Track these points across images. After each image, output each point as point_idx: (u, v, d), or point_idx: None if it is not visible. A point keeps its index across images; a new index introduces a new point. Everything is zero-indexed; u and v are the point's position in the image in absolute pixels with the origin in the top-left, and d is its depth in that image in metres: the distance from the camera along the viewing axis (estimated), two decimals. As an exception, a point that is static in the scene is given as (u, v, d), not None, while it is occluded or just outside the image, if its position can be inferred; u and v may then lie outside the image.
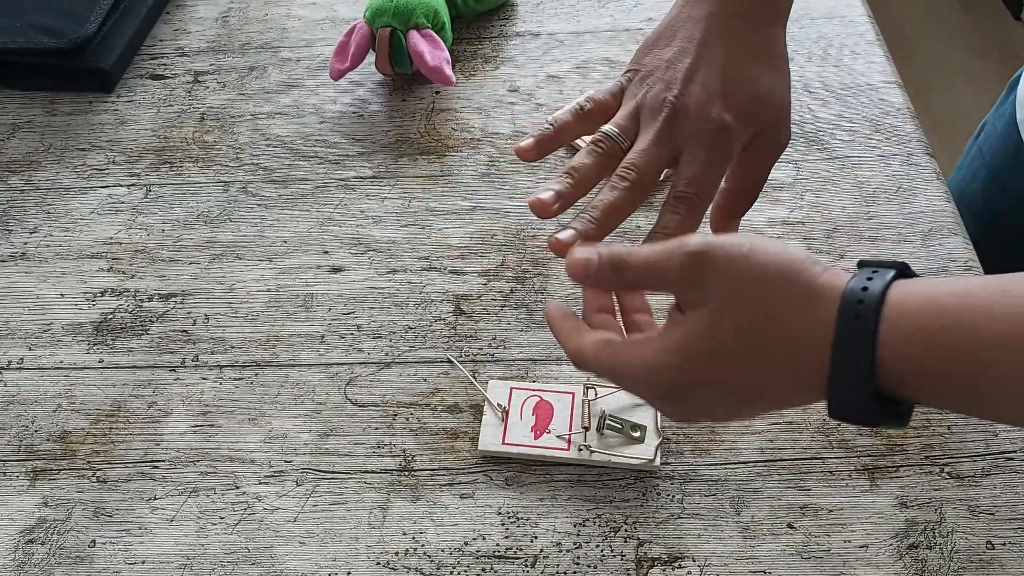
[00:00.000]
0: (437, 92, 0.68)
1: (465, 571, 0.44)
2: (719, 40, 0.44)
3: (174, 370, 0.53)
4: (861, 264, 0.35)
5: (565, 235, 0.41)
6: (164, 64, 0.72)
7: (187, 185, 0.63)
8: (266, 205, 0.61)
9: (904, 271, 0.34)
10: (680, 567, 0.43)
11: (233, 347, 0.53)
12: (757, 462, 0.47)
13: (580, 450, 0.47)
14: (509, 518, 0.45)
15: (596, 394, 0.49)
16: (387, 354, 0.52)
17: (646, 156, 0.42)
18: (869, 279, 0.33)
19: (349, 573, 0.44)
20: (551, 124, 0.46)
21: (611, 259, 0.39)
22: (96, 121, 0.68)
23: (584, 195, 0.44)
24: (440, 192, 0.61)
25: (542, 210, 0.42)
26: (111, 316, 0.55)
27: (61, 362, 0.53)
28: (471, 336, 0.53)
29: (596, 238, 0.42)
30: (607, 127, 0.44)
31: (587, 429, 0.47)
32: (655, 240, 0.41)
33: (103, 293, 0.57)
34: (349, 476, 0.47)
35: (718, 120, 0.42)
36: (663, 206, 0.43)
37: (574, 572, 0.43)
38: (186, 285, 0.57)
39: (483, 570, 0.44)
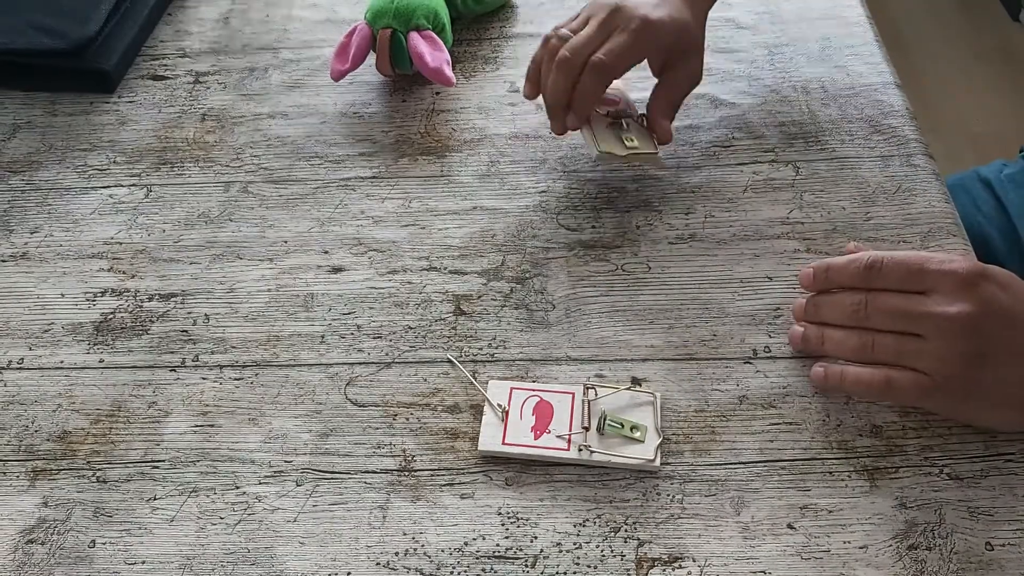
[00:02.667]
0: (437, 93, 0.68)
1: (465, 571, 0.44)
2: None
3: (174, 370, 0.53)
4: None
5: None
6: (165, 65, 0.72)
7: (188, 185, 0.63)
8: (267, 205, 0.61)
9: None
10: (680, 567, 0.43)
11: (233, 347, 0.53)
12: (757, 462, 0.47)
13: (580, 450, 0.47)
14: (509, 518, 0.45)
15: (596, 394, 0.49)
16: (387, 354, 0.52)
17: (583, 37, 0.55)
18: None
19: (349, 573, 0.44)
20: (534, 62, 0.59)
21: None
22: (97, 121, 0.68)
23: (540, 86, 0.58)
24: (440, 192, 0.61)
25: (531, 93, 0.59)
26: (111, 316, 0.56)
27: (61, 362, 0.53)
28: (471, 336, 0.53)
29: (563, 115, 0.56)
30: (561, 30, 0.57)
31: (587, 429, 0.47)
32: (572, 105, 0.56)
33: (103, 293, 0.57)
34: (349, 476, 0.47)
35: (644, 17, 0.55)
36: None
37: (574, 572, 0.44)
38: (186, 285, 0.57)
39: (483, 570, 0.44)
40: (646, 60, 0.58)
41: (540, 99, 0.64)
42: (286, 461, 0.48)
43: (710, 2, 0.61)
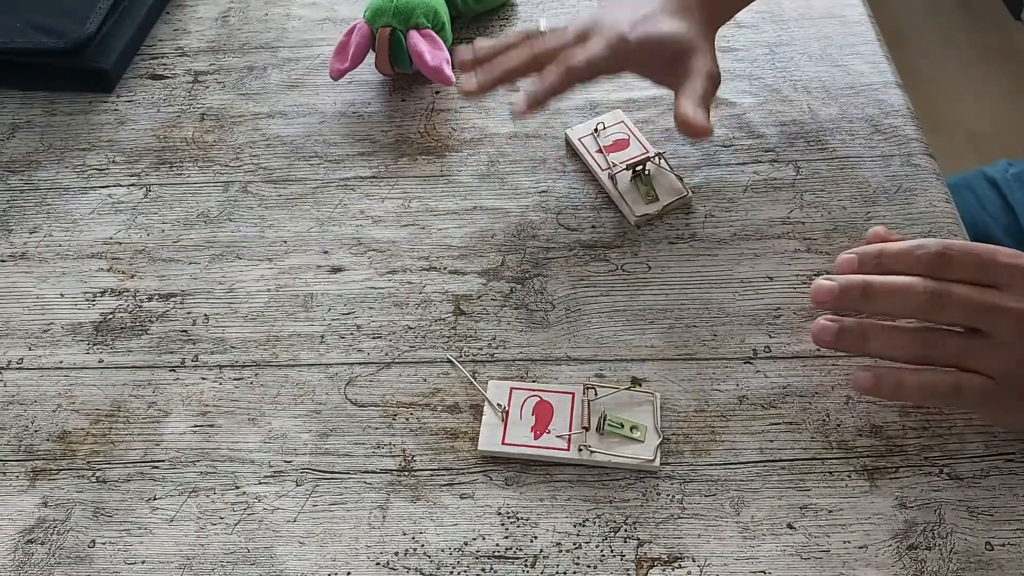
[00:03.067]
0: (437, 92, 0.68)
1: (465, 571, 0.44)
2: (655, 3, 0.57)
3: (174, 370, 0.53)
4: None
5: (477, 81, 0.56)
6: (164, 64, 0.72)
7: (187, 185, 0.63)
8: (266, 205, 0.61)
9: None
10: (680, 567, 0.43)
11: (233, 347, 0.53)
12: (757, 462, 0.47)
13: (580, 450, 0.47)
14: (509, 518, 0.45)
15: (596, 394, 0.49)
16: (387, 354, 0.52)
17: (558, 33, 0.56)
18: None
19: (349, 573, 0.44)
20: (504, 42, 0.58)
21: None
22: (96, 121, 0.68)
23: (503, 69, 0.56)
24: (440, 192, 0.61)
25: (463, 63, 0.58)
26: (111, 316, 0.55)
27: (61, 362, 0.53)
28: (471, 336, 0.53)
29: (489, 86, 0.56)
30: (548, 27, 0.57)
31: (587, 429, 0.47)
32: (535, 95, 0.54)
33: (103, 293, 0.57)
34: (349, 476, 0.47)
35: (620, 31, 0.55)
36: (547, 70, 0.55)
37: (574, 572, 0.43)
38: (186, 285, 0.57)
39: (483, 570, 0.44)
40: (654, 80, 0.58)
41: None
42: (286, 461, 0.48)
43: (718, 15, 0.59)
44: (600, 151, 0.60)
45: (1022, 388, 0.41)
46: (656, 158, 0.59)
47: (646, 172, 0.59)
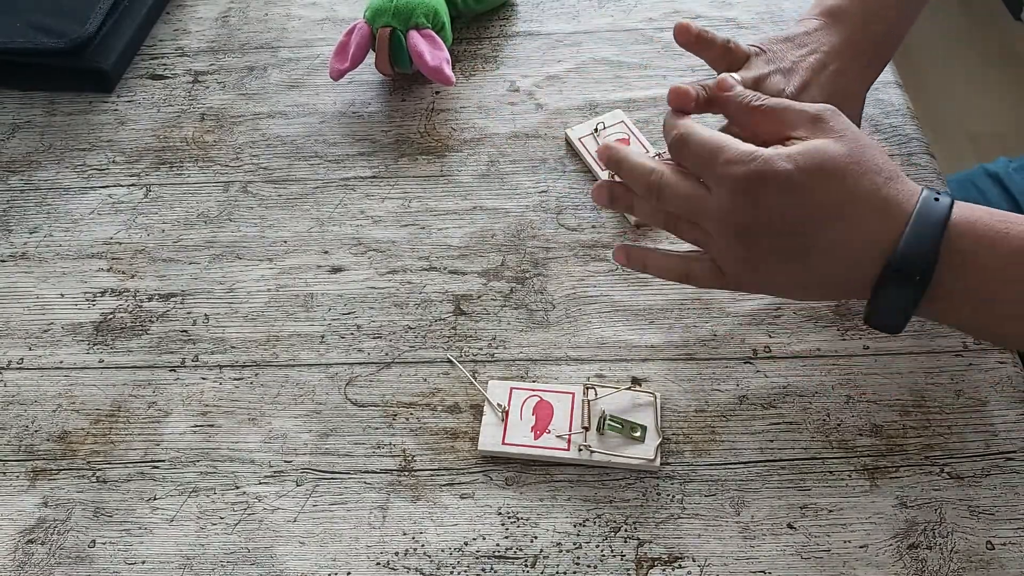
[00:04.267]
0: (437, 92, 0.68)
1: (465, 571, 0.44)
2: (835, 67, 0.53)
3: (174, 370, 0.53)
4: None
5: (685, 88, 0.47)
6: (164, 64, 0.72)
7: (187, 185, 0.63)
8: (266, 205, 0.61)
9: None
10: (680, 567, 0.43)
11: (233, 347, 0.53)
12: (757, 462, 0.47)
13: (580, 450, 0.47)
14: (509, 518, 0.45)
15: (596, 394, 0.49)
16: (387, 354, 0.52)
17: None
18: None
19: (349, 573, 0.44)
20: (708, 34, 0.53)
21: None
22: (96, 121, 0.68)
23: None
24: (440, 192, 0.61)
25: (684, 97, 0.47)
26: (111, 316, 0.55)
27: (61, 362, 0.53)
28: (471, 336, 0.53)
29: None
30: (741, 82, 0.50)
31: (587, 429, 0.47)
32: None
33: (103, 293, 0.57)
34: (349, 476, 0.47)
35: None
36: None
37: (574, 572, 0.43)
38: (186, 285, 0.57)
39: (483, 570, 0.44)
40: None
41: (540, 99, 0.64)
42: (286, 461, 0.48)
43: (871, 80, 0.56)
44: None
45: (737, 270, 0.44)
46: (656, 158, 0.59)
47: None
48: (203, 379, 0.52)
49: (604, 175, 0.59)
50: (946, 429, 0.47)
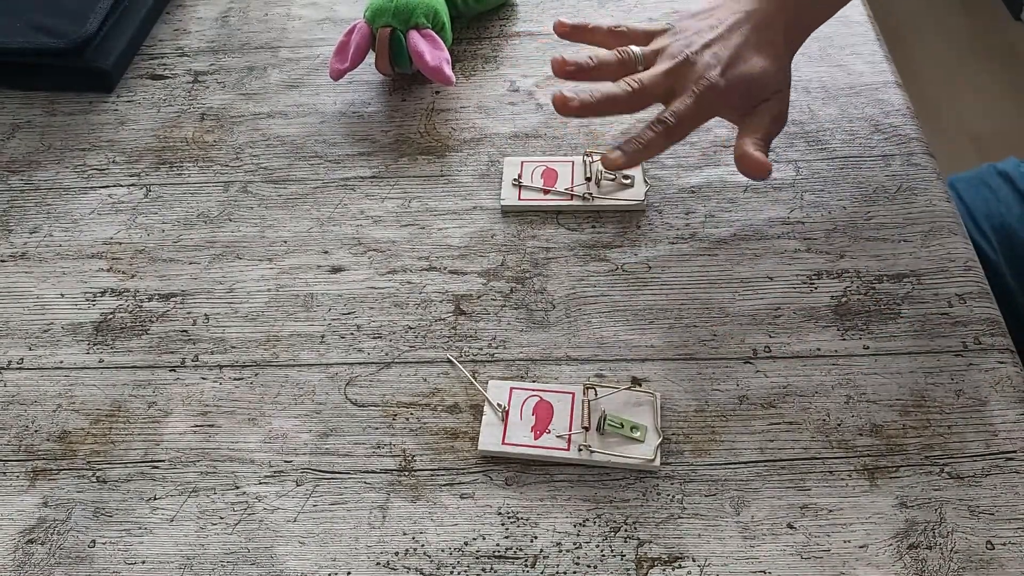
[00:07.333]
0: (437, 92, 0.68)
1: (465, 571, 0.44)
2: (743, 30, 0.54)
3: (174, 370, 0.53)
4: None
5: (571, 97, 0.51)
6: (164, 64, 0.72)
7: (187, 185, 0.63)
8: (266, 205, 0.61)
9: None
10: (680, 567, 0.43)
11: (233, 347, 0.53)
12: (757, 462, 0.47)
13: (580, 450, 0.47)
14: (509, 518, 0.45)
15: (596, 394, 0.49)
16: (387, 354, 0.52)
17: (650, 78, 0.53)
18: None
19: (349, 573, 0.44)
20: (586, 23, 0.59)
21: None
22: (96, 121, 0.68)
23: (591, 80, 0.54)
24: (440, 192, 0.61)
25: (563, 102, 0.51)
26: (111, 316, 0.55)
27: (61, 362, 0.53)
28: (471, 336, 0.53)
29: (590, 111, 0.52)
30: (633, 48, 0.55)
31: (587, 429, 0.47)
32: (629, 146, 0.51)
33: (103, 293, 0.57)
34: (349, 476, 0.47)
35: (712, 80, 0.52)
36: (645, 126, 0.52)
37: (574, 572, 0.43)
38: (186, 285, 0.57)
39: (483, 570, 0.44)
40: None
41: (540, 99, 0.64)
42: (286, 461, 0.48)
43: (802, 37, 0.57)
44: (547, 191, 0.59)
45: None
46: (587, 157, 0.60)
47: (600, 172, 0.59)
48: (203, 379, 0.52)
49: (580, 199, 0.59)
50: (946, 429, 0.47)
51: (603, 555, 0.44)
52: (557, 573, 0.43)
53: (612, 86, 0.52)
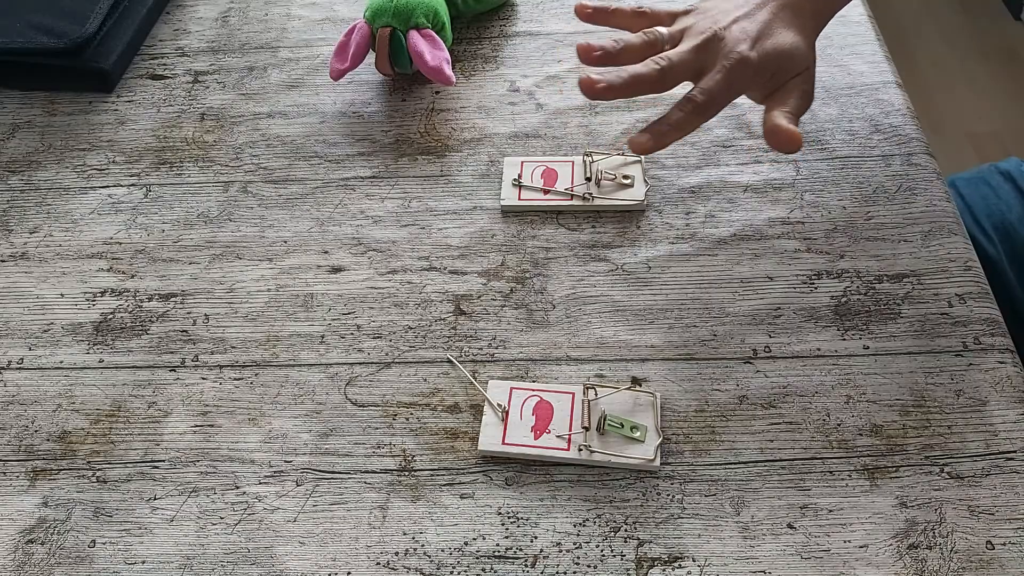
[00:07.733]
0: (437, 92, 0.68)
1: (465, 571, 0.44)
2: (771, 7, 0.54)
3: (174, 370, 0.53)
4: None
5: (597, 79, 0.50)
6: (164, 64, 0.72)
7: (187, 185, 0.63)
8: (266, 205, 0.61)
9: None
10: (680, 567, 0.43)
11: (233, 347, 0.53)
12: (757, 462, 0.47)
13: (580, 450, 0.47)
14: (509, 518, 0.45)
15: (596, 394, 0.49)
16: (387, 354, 0.52)
17: (679, 55, 0.52)
18: None
19: (349, 573, 0.44)
20: (608, 5, 0.58)
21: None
22: (96, 121, 0.68)
23: (619, 64, 0.53)
24: (440, 192, 0.61)
25: (590, 85, 0.50)
26: (111, 316, 0.55)
27: (61, 362, 0.53)
28: (471, 336, 0.53)
29: (619, 93, 0.51)
30: (659, 28, 0.54)
31: (587, 429, 0.47)
32: (659, 128, 0.50)
33: (103, 293, 0.57)
34: (349, 476, 0.47)
35: (742, 54, 0.51)
36: (674, 104, 0.51)
37: (574, 572, 0.43)
38: (186, 285, 0.57)
39: (483, 570, 0.44)
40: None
41: (540, 99, 0.64)
42: (286, 461, 0.48)
43: (825, 20, 0.57)
44: (547, 191, 0.59)
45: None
46: (587, 157, 0.60)
47: (600, 172, 0.59)
48: (203, 379, 0.52)
49: (581, 199, 0.58)
50: (946, 429, 0.47)
51: (603, 555, 0.44)
52: (557, 573, 0.43)
53: (640, 66, 0.51)
